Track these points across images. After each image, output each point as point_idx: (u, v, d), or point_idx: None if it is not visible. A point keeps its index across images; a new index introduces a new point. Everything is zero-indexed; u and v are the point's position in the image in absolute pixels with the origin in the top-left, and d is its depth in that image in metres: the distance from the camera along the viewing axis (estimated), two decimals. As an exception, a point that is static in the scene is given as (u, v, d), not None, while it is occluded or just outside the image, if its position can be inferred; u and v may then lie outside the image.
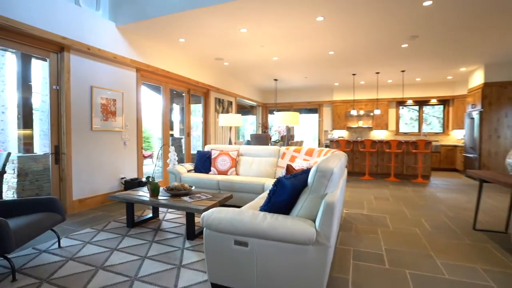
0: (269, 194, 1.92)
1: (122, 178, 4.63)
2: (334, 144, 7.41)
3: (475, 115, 6.79)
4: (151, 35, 4.72)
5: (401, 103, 9.24)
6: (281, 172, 4.17)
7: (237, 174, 4.50)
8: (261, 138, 6.98)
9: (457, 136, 8.69)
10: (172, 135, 7.35)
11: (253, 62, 6.48)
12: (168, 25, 4.30)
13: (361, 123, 9.46)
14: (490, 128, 6.52)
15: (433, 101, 8.92)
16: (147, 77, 5.23)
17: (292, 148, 4.28)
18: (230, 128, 5.65)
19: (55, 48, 3.66)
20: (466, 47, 5.26)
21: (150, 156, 9.96)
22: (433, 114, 10.00)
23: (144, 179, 4.65)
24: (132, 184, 4.47)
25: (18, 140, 4.59)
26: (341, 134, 9.80)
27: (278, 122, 4.64)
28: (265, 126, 10.39)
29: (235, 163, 4.51)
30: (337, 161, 2.08)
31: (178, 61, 5.81)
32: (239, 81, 8.60)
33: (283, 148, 4.40)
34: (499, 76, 6.46)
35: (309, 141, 14.98)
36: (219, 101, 7.57)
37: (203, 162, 4.61)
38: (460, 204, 4.41)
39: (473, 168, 6.82)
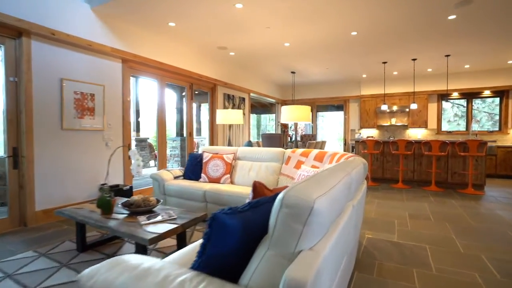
0: (203, 239, 1.07)
1: (102, 185, 4.01)
2: (360, 145, 6.30)
3: (547, 108, 5.31)
4: (134, 18, 4.06)
5: (444, 96, 7.80)
6: (286, 182, 3.28)
7: (231, 182, 3.68)
8: (274, 138, 6.09)
9: (518, 136, 7.10)
10: (181, 135, 6.71)
11: (262, 51, 5.62)
12: (151, 4, 3.59)
13: (394, 121, 8.16)
14: None
15: (486, 92, 7.39)
16: (136, 69, 4.59)
17: (299, 151, 3.36)
18: (230, 126, 4.84)
19: (11, 33, 3.10)
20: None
21: (156, 157, 9.48)
22: (483, 110, 8.41)
23: (127, 186, 3.99)
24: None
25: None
26: (371, 133, 8.57)
27: (284, 118, 3.74)
28: (284, 125, 9.46)
29: (230, 168, 3.69)
30: (337, 179, 1.18)
31: (175, 51, 5.12)
32: (251, 75, 7.77)
33: (288, 151, 3.49)
34: None
35: (334, 142, 13.78)
36: (228, 97, 6.81)
37: (194, 167, 3.85)
38: (534, 229, 3.19)
39: (544, 176, 5.34)
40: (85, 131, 3.81)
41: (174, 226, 2.12)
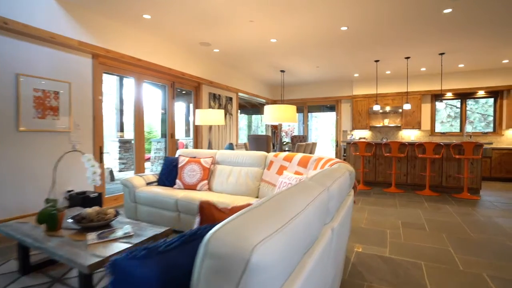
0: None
1: (69, 192, 3.65)
2: (352, 147, 6.02)
3: (544, 109, 5.10)
4: (105, 9, 3.70)
5: (437, 96, 7.59)
6: (267, 190, 2.96)
7: (209, 189, 3.35)
8: (261, 140, 5.78)
9: (513, 137, 6.90)
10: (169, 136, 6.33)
11: (248, 47, 5.30)
12: (117, -8, 3.25)
13: (387, 122, 7.92)
14: None
15: (481, 93, 7.19)
16: (110, 66, 4.23)
17: (282, 155, 3.04)
18: (210, 127, 4.50)
19: (-45, 21, 2.73)
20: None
21: (149, 160, 9.10)
22: (477, 111, 8.22)
23: (95, 194, 3.63)
24: (77, 200, 3.48)
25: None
26: (363, 134, 8.32)
27: (266, 118, 3.42)
28: (274, 126, 9.16)
29: (207, 174, 3.36)
30: (305, 200, 0.86)
31: (154, 47, 4.77)
32: (239, 74, 7.44)
33: (270, 155, 3.18)
34: None
35: (327, 143, 13.54)
36: (214, 97, 6.47)
37: (169, 172, 3.51)
38: (537, 239, 2.92)
39: (541, 180, 5.13)
40: (48, 132, 3.44)
41: (127, 245, 1.79)
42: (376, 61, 6.17)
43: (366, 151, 5.79)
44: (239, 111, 7.56)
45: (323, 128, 14.35)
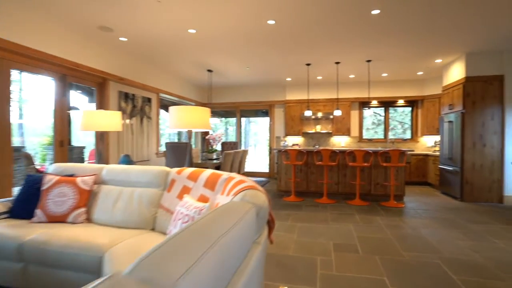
0: None
1: None
2: (283, 155, 5.60)
3: (455, 118, 5.43)
4: None
5: (365, 104, 7.79)
6: (165, 219, 2.18)
7: (88, 219, 2.41)
8: (180, 148, 4.94)
9: (427, 143, 7.41)
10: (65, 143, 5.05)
11: (163, 38, 4.45)
12: None
13: (318, 128, 7.83)
14: (474, 135, 5.16)
15: (400, 102, 7.59)
16: None
17: (187, 172, 2.30)
18: (101, 134, 3.52)
19: None
20: (445, 27, 3.76)
21: (37, 171, 7.33)
22: (396, 118, 8.77)
23: None
24: None
25: None
26: (296, 140, 8.11)
27: (172, 123, 2.64)
28: (204, 133, 8.36)
29: (86, 198, 2.42)
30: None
31: (32, 27, 3.57)
32: (160, 71, 6.48)
33: (173, 172, 2.40)
34: (483, 69, 5.15)
35: (263, 150, 13.27)
36: (126, 97, 5.40)
37: (28, 198, 2.45)
38: (468, 256, 2.75)
39: (453, 185, 5.43)
40: None
41: None
42: (308, 64, 5.91)
43: (297, 159, 5.42)
44: (160, 114, 6.57)
45: (261, 134, 14.09)
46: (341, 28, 4.03)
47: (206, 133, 8.27)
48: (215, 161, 5.56)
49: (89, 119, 3.00)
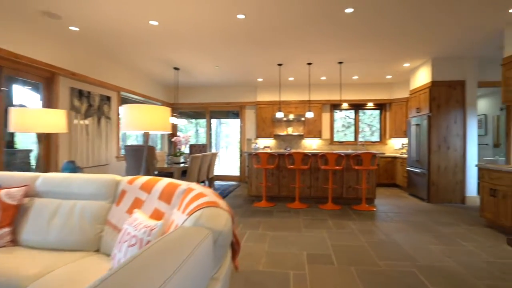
0: None
1: None
2: (253, 158, 5.36)
3: (422, 121, 5.54)
4: None
5: (336, 106, 7.80)
6: (112, 238, 1.83)
7: (13, 241, 1.97)
8: (139, 152, 4.50)
9: (395, 146, 7.57)
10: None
11: (122, 30, 4.02)
12: None
13: (290, 130, 7.71)
14: (439, 137, 5.29)
15: (370, 105, 7.69)
16: None
17: (140, 181, 1.96)
18: (42, 136, 3.05)
19: None
20: (414, 32, 3.77)
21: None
22: (364, 121, 8.92)
23: None
24: None
25: None
26: (268, 143, 7.92)
27: (125, 124, 2.27)
28: (171, 135, 7.89)
29: (13, 215, 1.97)
30: None
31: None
32: (121, 68, 5.96)
33: (124, 181, 2.04)
34: (447, 74, 5.30)
35: (235, 152, 12.99)
36: (80, 94, 4.84)
37: None
38: (442, 262, 2.68)
39: (421, 187, 5.53)
40: None
41: None
42: (279, 64, 5.74)
43: (268, 163, 5.21)
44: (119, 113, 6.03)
45: (233, 136, 13.79)
46: (314, 27, 3.88)
47: (173, 134, 7.80)
48: (182, 165, 5.17)
49: (21, 118, 2.52)
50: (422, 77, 5.64)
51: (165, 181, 1.86)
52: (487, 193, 3.78)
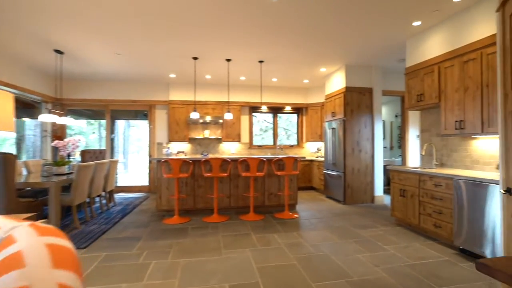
0: None
1: None
2: (163, 166, 4.50)
3: (337, 125, 5.68)
4: None
5: (255, 109, 7.53)
6: None
7: None
8: (-11, 160, 3.12)
9: (311, 150, 7.76)
10: None
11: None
12: None
13: (207, 133, 7.05)
14: (353, 141, 5.49)
15: (288, 108, 7.70)
16: None
17: None
18: None
19: None
20: (332, 35, 3.72)
21: None
22: (280, 125, 9.02)
23: None
24: None
25: None
26: (182, 147, 7.06)
27: None
28: (57, 136, 6.21)
29: None
30: None
31: None
32: (-29, 44, 4.25)
33: None
34: (358, 81, 5.57)
35: (143, 158, 11.54)
36: None
37: None
38: (374, 274, 2.46)
39: (337, 189, 5.64)
40: None
41: None
42: (195, 58, 5.04)
43: (181, 171, 4.43)
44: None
45: (144, 140, 12.24)
46: (232, 15, 3.37)
47: (59, 137, 6.14)
48: (64, 178, 3.91)
49: None
50: (337, 82, 5.82)
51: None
52: (398, 193, 3.93)
